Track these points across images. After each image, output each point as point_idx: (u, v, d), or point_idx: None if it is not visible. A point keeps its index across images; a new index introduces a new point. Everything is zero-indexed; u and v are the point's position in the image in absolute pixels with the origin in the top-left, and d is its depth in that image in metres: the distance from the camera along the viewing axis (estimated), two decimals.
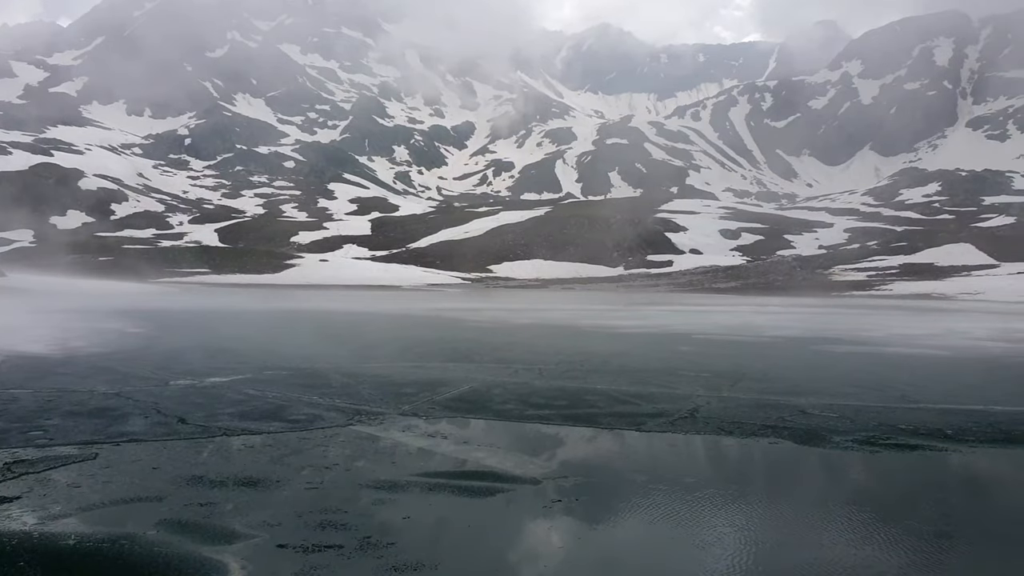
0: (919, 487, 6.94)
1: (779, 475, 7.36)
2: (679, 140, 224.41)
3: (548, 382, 12.35)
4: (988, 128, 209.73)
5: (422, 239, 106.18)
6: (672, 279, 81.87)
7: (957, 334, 23.61)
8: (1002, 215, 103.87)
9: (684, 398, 10.85)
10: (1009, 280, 66.51)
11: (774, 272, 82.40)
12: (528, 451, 7.86)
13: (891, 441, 8.31)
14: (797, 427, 8.97)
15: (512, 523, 5.84)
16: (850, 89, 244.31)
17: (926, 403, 10.74)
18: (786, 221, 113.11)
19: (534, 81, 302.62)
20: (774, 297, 58.29)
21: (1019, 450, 8.07)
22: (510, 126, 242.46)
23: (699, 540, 5.35)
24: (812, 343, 20.52)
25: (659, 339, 21.35)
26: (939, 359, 17.06)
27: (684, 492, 6.39)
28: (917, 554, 5.14)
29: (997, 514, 6.30)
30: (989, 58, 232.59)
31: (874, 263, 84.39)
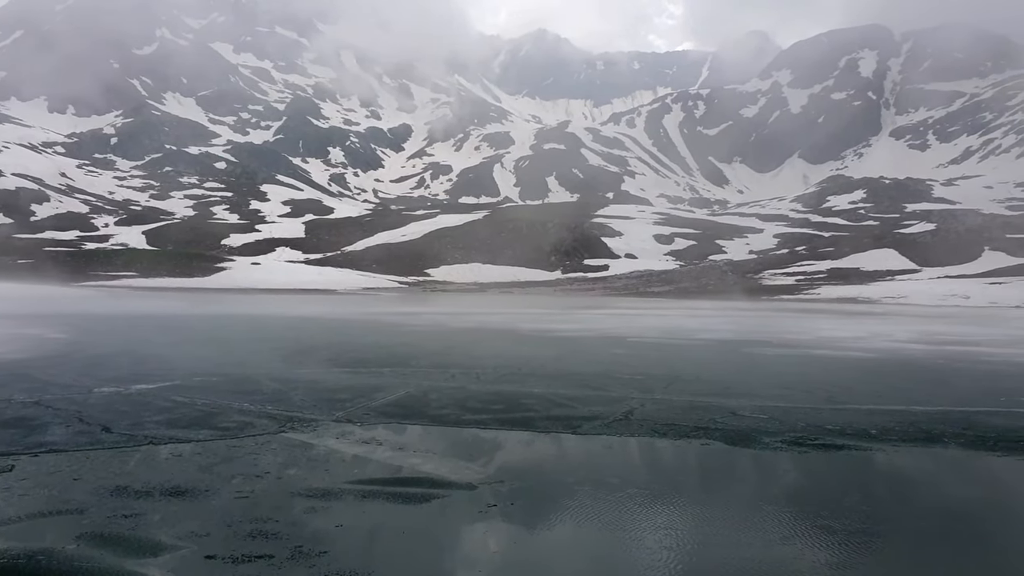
0: (845, 486, 7.16)
1: (711, 476, 7.50)
2: (615, 146, 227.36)
3: (485, 386, 12.34)
4: (910, 138, 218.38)
5: (358, 242, 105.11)
6: (608, 283, 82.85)
7: (881, 337, 24.45)
8: (923, 222, 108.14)
9: (619, 401, 10.97)
10: (930, 285, 69.33)
11: (706, 276, 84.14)
12: (465, 456, 7.84)
13: (818, 441, 8.56)
14: (728, 428, 9.15)
15: (447, 529, 5.81)
16: (780, 98, 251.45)
17: (852, 404, 11.09)
18: (718, 227, 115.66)
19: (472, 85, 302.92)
20: (706, 301, 59.48)
21: (938, 448, 8.40)
22: (448, 129, 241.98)
23: (633, 541, 5.41)
24: (743, 346, 20.99)
25: (595, 342, 21.56)
26: (864, 361, 17.64)
27: (618, 494, 6.46)
28: (843, 551, 5.30)
29: (918, 511, 6.53)
30: (910, 71, 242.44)
31: (802, 268, 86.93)
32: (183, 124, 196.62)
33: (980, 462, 7.95)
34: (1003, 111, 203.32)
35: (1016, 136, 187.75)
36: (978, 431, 9.21)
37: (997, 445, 8.50)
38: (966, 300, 57.55)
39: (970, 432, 9.15)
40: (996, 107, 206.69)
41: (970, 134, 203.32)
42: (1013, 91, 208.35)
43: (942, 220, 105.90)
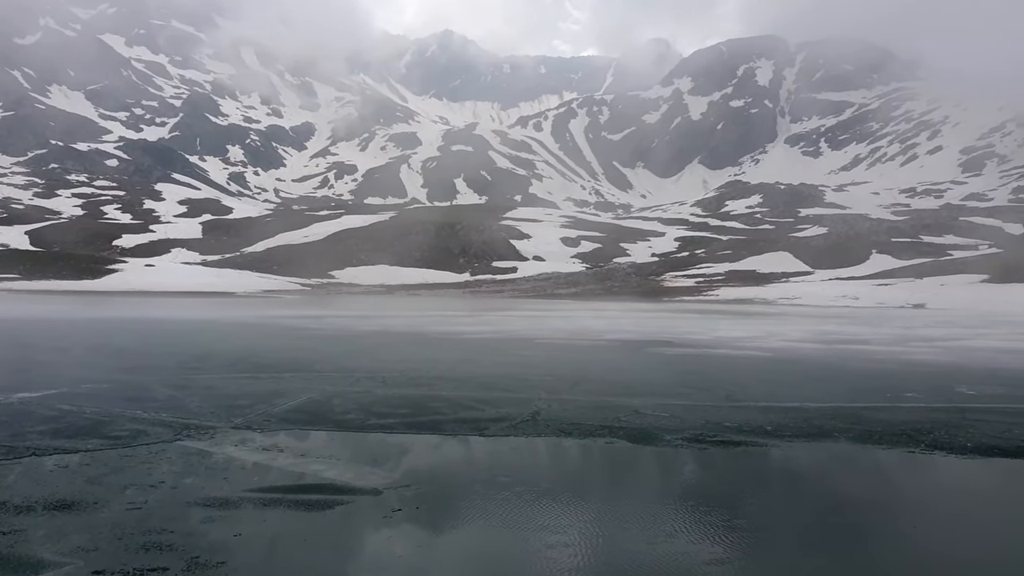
0: (742, 481, 7.39)
1: (615, 474, 7.61)
2: (522, 149, 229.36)
3: (391, 390, 12.19)
4: (804, 145, 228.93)
5: (258, 243, 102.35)
6: (516, 285, 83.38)
7: (776, 336, 25.43)
8: (816, 226, 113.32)
9: (526, 402, 11.02)
10: (822, 286, 72.65)
11: (611, 279, 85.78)
12: (369, 461, 7.70)
13: (717, 438, 8.81)
14: (632, 427, 9.32)
15: (351, 535, 5.69)
16: (681, 105, 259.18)
17: (749, 401, 11.47)
18: (622, 230, 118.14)
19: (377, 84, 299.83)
20: (611, 302, 60.60)
21: (829, 443, 8.78)
22: (352, 128, 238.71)
23: (537, 541, 5.42)
24: (646, 346, 21.45)
25: (503, 344, 21.62)
26: (761, 360, 18.30)
27: (525, 494, 6.47)
28: (738, 545, 5.46)
29: (809, 503, 6.81)
30: (804, 80, 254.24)
31: (702, 270, 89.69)
32: (71, 119, 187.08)
33: (867, 455, 8.35)
34: (888, 121, 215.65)
35: (900, 145, 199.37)
36: (866, 425, 9.69)
37: (883, 438, 8.95)
38: (855, 301, 60.54)
39: (858, 427, 9.61)
40: (882, 117, 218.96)
41: (859, 142, 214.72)
42: (897, 102, 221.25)
43: (833, 224, 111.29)
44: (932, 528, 6.16)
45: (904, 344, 22.90)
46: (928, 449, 8.45)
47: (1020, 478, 7.69)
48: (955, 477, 7.67)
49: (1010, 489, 7.43)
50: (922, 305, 56.20)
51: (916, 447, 8.54)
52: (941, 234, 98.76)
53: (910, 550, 5.61)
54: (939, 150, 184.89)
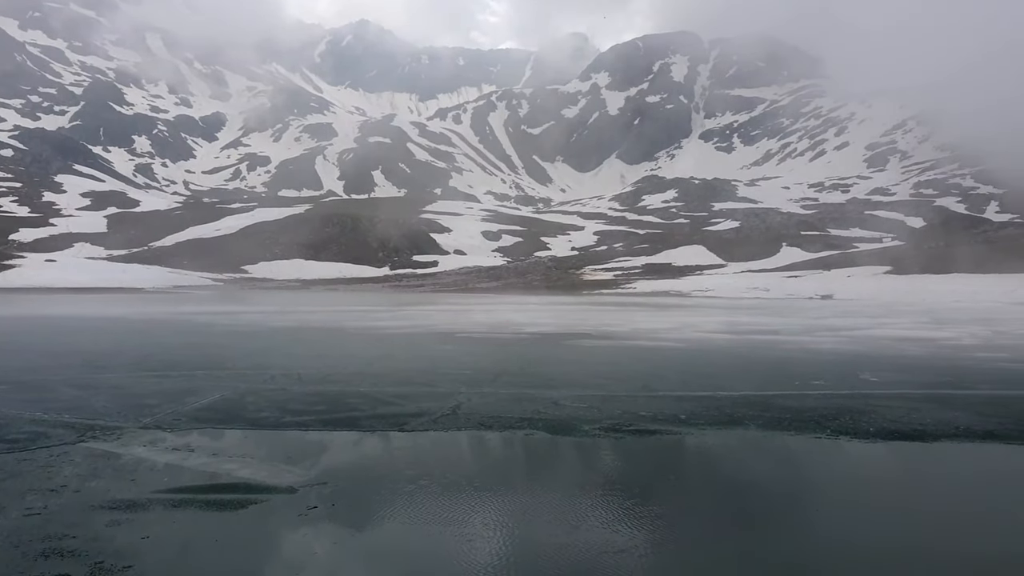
0: (656, 468, 7.55)
1: (534, 465, 7.66)
2: (442, 142, 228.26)
3: (307, 387, 11.96)
4: (717, 140, 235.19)
5: (167, 237, 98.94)
6: (437, 279, 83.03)
7: (691, 327, 26.07)
8: (729, 220, 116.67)
9: (447, 396, 10.98)
10: (735, 278, 74.87)
11: (532, 272, 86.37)
12: (285, 460, 7.54)
13: (633, 427, 8.98)
14: (551, 418, 9.41)
15: (265, 534, 5.55)
16: (599, 100, 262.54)
17: (664, 391, 11.73)
18: (542, 224, 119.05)
19: (291, 74, 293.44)
20: (532, 296, 61.03)
21: (740, 430, 9.05)
22: (265, 119, 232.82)
23: (459, 535, 5.41)
24: (565, 338, 21.68)
25: (423, 339, 21.50)
26: (676, 350, 18.73)
27: (445, 488, 6.45)
28: (654, 531, 5.57)
29: (721, 489, 7.00)
30: (718, 76, 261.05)
31: (620, 263, 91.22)
32: None
33: (776, 441, 8.64)
34: (798, 117, 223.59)
35: (809, 141, 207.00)
36: (775, 412, 10.03)
37: (791, 425, 9.29)
38: (767, 292, 62.61)
39: (768, 414, 9.94)
40: (792, 113, 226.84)
41: (770, 138, 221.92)
42: (806, 99, 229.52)
43: (745, 218, 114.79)
44: (837, 511, 6.42)
45: (812, 334, 23.81)
46: (834, 434, 8.81)
47: (919, 461, 8.09)
48: (859, 461, 8.01)
49: (910, 471, 7.81)
50: (830, 296, 58.58)
51: (822, 433, 8.89)
52: (847, 227, 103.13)
53: (816, 533, 5.84)
54: (846, 146, 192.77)
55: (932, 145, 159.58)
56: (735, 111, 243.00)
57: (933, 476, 7.53)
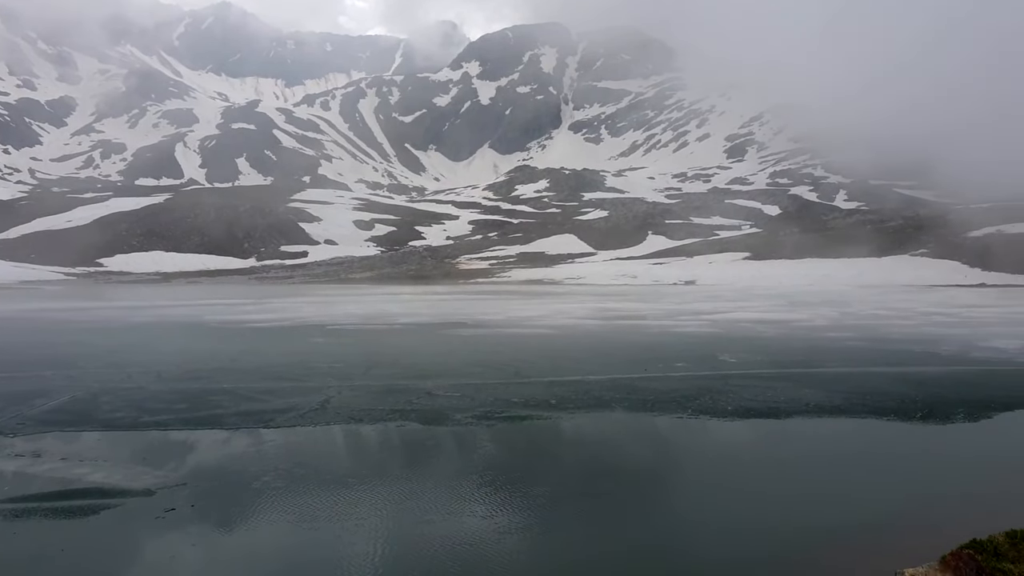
0: (526, 452, 7.64)
1: (405, 456, 7.57)
2: (310, 129, 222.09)
3: (168, 385, 11.36)
4: (586, 132, 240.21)
5: (11, 229, 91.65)
6: (308, 270, 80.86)
7: (563, 314, 26.56)
8: (598, 209, 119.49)
9: (316, 390, 10.70)
10: (604, 266, 76.85)
11: (406, 262, 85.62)
12: (141, 461, 7.12)
13: (505, 414, 9.05)
14: (423, 409, 9.35)
15: (116, 541, 5.22)
16: (470, 89, 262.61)
17: (536, 377, 11.88)
18: (416, 213, 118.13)
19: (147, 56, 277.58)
20: (407, 286, 60.51)
21: (607, 412, 9.28)
22: (119, 104, 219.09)
23: (325, 531, 5.27)
24: (440, 328, 21.61)
25: (292, 332, 20.88)
26: (548, 337, 19.02)
27: (312, 485, 6.28)
28: (526, 513, 5.63)
29: (587, 468, 7.15)
30: (586, 68, 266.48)
31: (495, 252, 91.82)
32: None
33: (641, 421, 8.93)
34: (662, 109, 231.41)
35: (673, 132, 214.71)
36: (640, 395, 10.37)
37: (655, 406, 9.63)
38: (634, 279, 64.65)
39: (633, 396, 10.26)
40: (656, 105, 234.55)
41: (636, 129, 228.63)
42: (670, 91, 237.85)
43: (614, 208, 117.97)
44: (697, 487, 6.70)
45: (676, 318, 24.77)
46: (695, 413, 9.20)
47: (774, 436, 8.55)
48: (718, 438, 8.39)
49: (765, 446, 8.23)
50: (693, 281, 61.17)
51: (684, 412, 9.26)
52: (709, 216, 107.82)
53: (678, 509, 6.07)
54: (707, 137, 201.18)
55: (786, 137, 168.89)
56: (602, 103, 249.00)
57: (786, 450, 7.98)
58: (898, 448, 7.88)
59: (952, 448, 7.87)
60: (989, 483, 6.56)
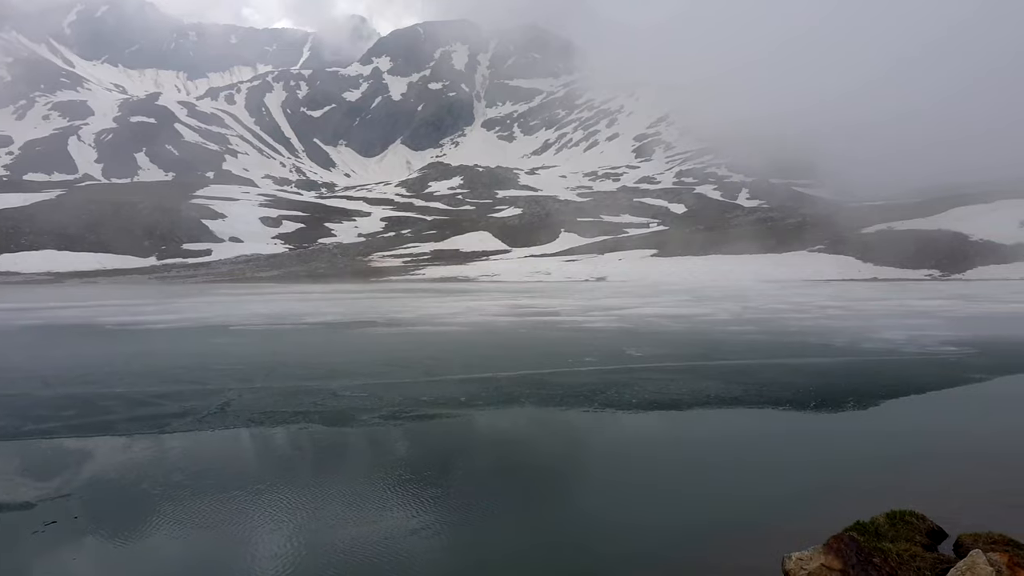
0: (434, 451, 7.55)
1: (306, 459, 7.38)
2: (214, 123, 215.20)
3: (54, 390, 10.77)
4: (499, 129, 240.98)
5: None
6: (211, 269, 78.30)
7: (476, 311, 26.54)
8: (512, 207, 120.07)
9: (215, 393, 10.34)
10: (519, 263, 77.27)
11: (316, 260, 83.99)
12: (21, 472, 6.71)
13: (414, 413, 8.95)
14: (329, 410, 9.14)
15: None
16: (381, 84, 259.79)
17: (446, 375, 11.81)
18: (326, 210, 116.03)
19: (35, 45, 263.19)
20: (317, 284, 59.36)
21: (517, 408, 9.30)
22: (4, 94, 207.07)
23: (221, 541, 5.08)
24: (350, 327, 21.26)
25: (193, 333, 20.15)
26: (460, 334, 18.95)
27: (206, 493, 6.04)
28: (428, 510, 5.56)
29: (496, 464, 7.13)
30: (498, 66, 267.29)
31: (408, 250, 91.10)
32: None
33: (550, 416, 8.98)
34: (572, 109, 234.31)
35: (583, 132, 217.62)
36: (549, 390, 10.43)
37: (563, 400, 9.70)
38: (548, 276, 65.26)
39: (543, 391, 10.32)
40: (567, 105, 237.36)
41: (547, 128, 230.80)
42: (579, 91, 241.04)
43: (527, 205, 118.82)
44: (599, 478, 6.76)
45: (586, 314, 25.09)
46: (601, 407, 9.31)
47: (674, 427, 8.72)
48: (622, 430, 8.51)
49: (665, 437, 8.38)
50: (603, 278, 62.19)
51: (591, 406, 9.36)
52: (619, 214, 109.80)
53: (581, 501, 6.11)
54: (616, 137, 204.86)
55: (692, 137, 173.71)
56: (514, 101, 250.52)
57: (684, 441, 8.15)
58: (791, 437, 8.17)
59: (842, 435, 8.21)
60: (875, 468, 6.86)
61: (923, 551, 4.53)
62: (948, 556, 4.47)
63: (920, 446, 7.64)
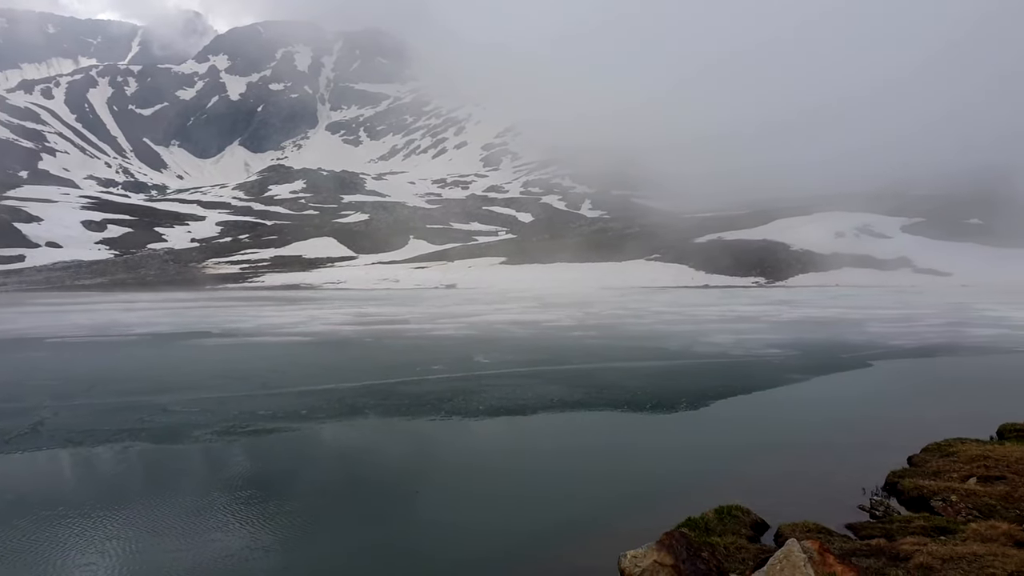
0: (272, 467, 7.24)
1: (134, 480, 6.87)
2: (28, 118, 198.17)
3: None
4: (344, 133, 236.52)
5: None
6: (25, 276, 71.83)
7: (319, 320, 25.83)
8: (358, 212, 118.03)
9: (27, 411, 9.45)
10: (366, 270, 75.99)
11: (146, 266, 78.99)
12: None
13: (250, 428, 8.55)
14: (157, 427, 8.57)
15: None
16: (218, 83, 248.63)
17: (286, 388, 11.38)
18: (157, 213, 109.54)
19: None
20: (146, 293, 55.82)
21: (360, 419, 9.10)
22: None
23: (36, 572, 4.62)
24: (183, 338, 20.13)
25: (1, 348, 18.38)
26: (301, 344, 18.37)
27: (14, 519, 5.49)
28: (259, 528, 5.31)
29: (336, 478, 6.94)
30: (342, 69, 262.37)
31: (247, 256, 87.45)
32: None
33: (394, 426, 8.84)
34: (421, 115, 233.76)
35: (432, 139, 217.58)
36: (395, 400, 10.28)
37: (409, 410, 9.59)
38: (396, 283, 64.57)
39: (388, 401, 10.15)
40: (415, 111, 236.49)
41: (395, 134, 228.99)
42: (427, 98, 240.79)
43: (375, 211, 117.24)
44: (442, 486, 6.72)
45: (435, 321, 25.04)
46: (447, 415, 9.28)
47: (518, 432, 8.82)
48: (467, 437, 8.51)
49: (508, 442, 8.46)
50: (453, 285, 62.33)
51: (438, 414, 9.31)
52: (468, 221, 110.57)
53: (423, 509, 6.05)
54: (464, 145, 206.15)
55: (538, 148, 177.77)
56: (360, 105, 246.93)
57: (528, 446, 8.25)
58: (630, 438, 8.47)
59: (676, 435, 8.61)
60: (707, 465, 7.23)
61: (747, 543, 4.80)
62: (770, 546, 4.77)
63: (746, 442, 8.14)
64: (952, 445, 7.27)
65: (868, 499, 6.05)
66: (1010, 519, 5.26)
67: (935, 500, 5.81)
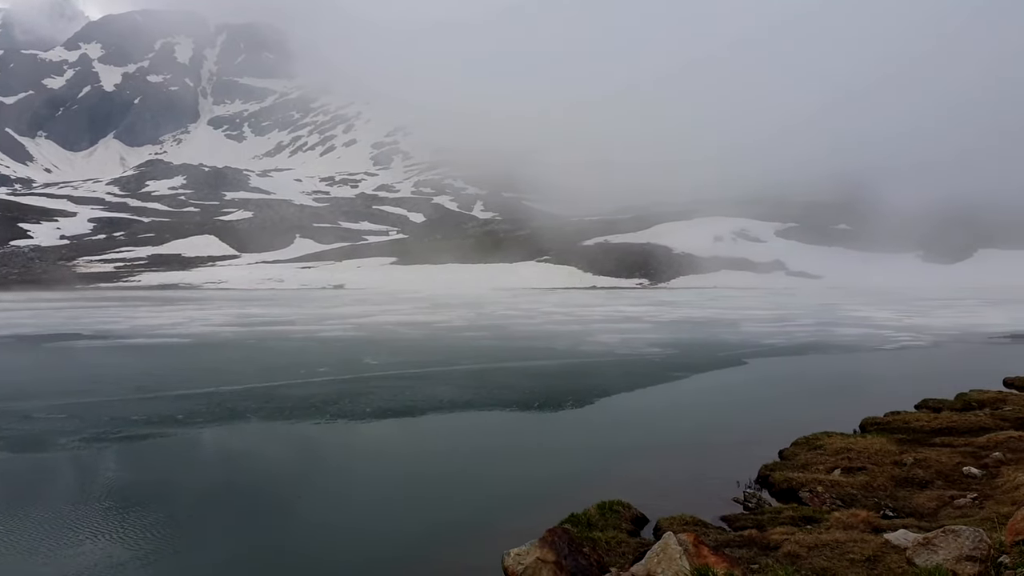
0: (144, 475, 6.91)
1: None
2: None
3: None
4: (227, 128, 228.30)
5: None
6: None
7: (198, 322, 24.86)
8: (242, 210, 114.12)
9: None
10: (249, 269, 73.65)
11: (8, 265, 73.91)
12: None
13: (122, 434, 8.12)
14: (17, 435, 8.03)
15: None
16: (91, 73, 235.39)
17: (161, 392, 10.88)
18: (22, 208, 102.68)
19: None
20: (7, 293, 52.24)
21: (241, 423, 8.80)
22: None
23: None
24: (48, 340, 18.96)
25: None
26: (180, 347, 17.62)
27: None
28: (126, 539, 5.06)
29: (211, 485, 6.68)
30: (226, 63, 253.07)
31: (122, 254, 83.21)
32: None
33: (276, 430, 8.59)
34: (308, 112, 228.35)
35: (320, 136, 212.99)
36: (277, 403, 10.00)
37: (292, 413, 9.34)
38: (281, 283, 62.88)
39: (270, 405, 9.86)
40: (302, 108, 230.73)
41: (281, 130, 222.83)
42: (315, 94, 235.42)
43: (259, 209, 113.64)
44: (323, 490, 6.58)
45: (322, 323, 24.53)
46: (332, 418, 9.09)
47: (408, 434, 8.74)
48: (354, 440, 8.38)
49: (392, 445, 8.37)
50: (341, 286, 61.25)
51: (322, 418, 9.11)
52: (358, 221, 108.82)
53: (310, 512, 5.90)
54: (354, 143, 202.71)
55: (429, 148, 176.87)
56: (245, 100, 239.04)
57: (413, 448, 8.20)
58: (518, 437, 8.55)
59: (562, 432, 8.75)
60: (591, 461, 7.37)
61: (628, 537, 4.93)
62: (649, 540, 4.91)
63: (629, 439, 8.35)
64: (819, 439, 7.69)
65: (742, 492, 6.32)
66: (869, 507, 5.61)
67: (803, 491, 6.12)
